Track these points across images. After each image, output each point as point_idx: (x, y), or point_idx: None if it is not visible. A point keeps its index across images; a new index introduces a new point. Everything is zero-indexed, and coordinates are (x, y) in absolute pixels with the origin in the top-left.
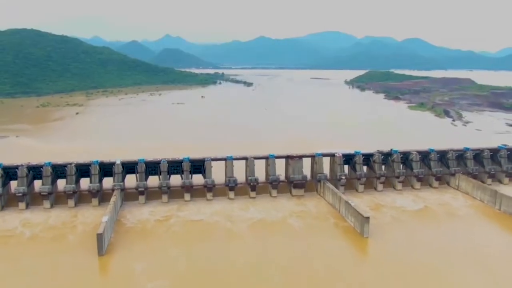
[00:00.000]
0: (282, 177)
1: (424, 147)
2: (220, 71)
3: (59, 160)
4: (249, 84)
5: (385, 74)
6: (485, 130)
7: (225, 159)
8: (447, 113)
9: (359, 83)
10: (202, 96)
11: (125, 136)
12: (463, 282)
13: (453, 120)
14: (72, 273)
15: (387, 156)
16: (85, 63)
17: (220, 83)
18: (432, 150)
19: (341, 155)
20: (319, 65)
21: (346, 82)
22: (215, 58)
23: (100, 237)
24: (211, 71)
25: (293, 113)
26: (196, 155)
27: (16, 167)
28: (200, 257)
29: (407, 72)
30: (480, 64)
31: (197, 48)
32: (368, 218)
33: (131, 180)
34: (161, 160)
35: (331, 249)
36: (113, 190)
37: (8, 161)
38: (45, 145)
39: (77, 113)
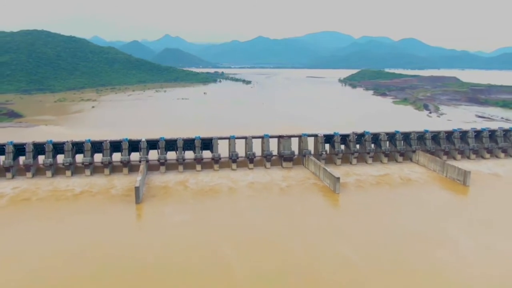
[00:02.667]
0: (275, 153)
1: (392, 130)
2: (219, 70)
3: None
4: (247, 82)
5: (377, 72)
6: (455, 120)
7: (229, 138)
8: (426, 107)
9: (351, 81)
10: (204, 93)
11: (141, 123)
12: (404, 219)
13: (430, 112)
14: (118, 213)
15: (360, 136)
16: (93, 62)
17: (220, 81)
18: (398, 132)
19: (322, 135)
20: (317, 64)
21: (340, 80)
22: (215, 57)
23: (137, 190)
24: (210, 70)
25: (285, 107)
26: (205, 135)
27: (63, 143)
28: (211, 203)
29: (401, 71)
30: (474, 64)
31: (196, 48)
32: (339, 178)
33: (153, 154)
34: (177, 138)
35: (309, 199)
36: (140, 161)
37: None
38: (73, 131)
39: (93, 107)
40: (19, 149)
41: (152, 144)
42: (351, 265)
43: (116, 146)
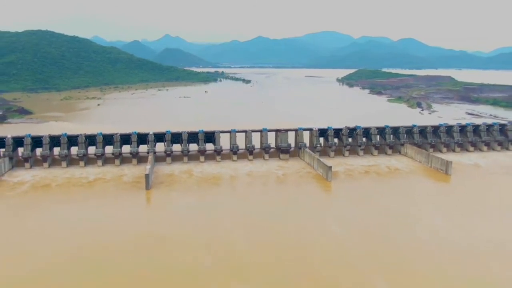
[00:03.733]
0: (273, 145)
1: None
2: (219, 70)
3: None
4: (247, 82)
5: (374, 72)
6: (445, 117)
7: (230, 132)
8: (419, 105)
9: (348, 80)
10: (205, 91)
11: (147, 119)
12: (389, 201)
13: (422, 110)
14: (130, 197)
15: (352, 130)
16: (96, 62)
17: (220, 80)
18: (387, 126)
19: (317, 129)
20: (316, 64)
21: (337, 80)
22: (214, 57)
23: (147, 177)
24: (211, 70)
25: (284, 106)
26: (208, 129)
27: (77, 135)
28: (213, 188)
29: (399, 71)
30: (472, 64)
31: (196, 48)
32: (331, 167)
33: (160, 147)
34: (182, 131)
35: (303, 185)
36: (148, 153)
37: None
38: (82, 126)
39: (98, 105)
40: (36, 141)
41: (159, 137)
42: (339, 240)
43: (125, 139)
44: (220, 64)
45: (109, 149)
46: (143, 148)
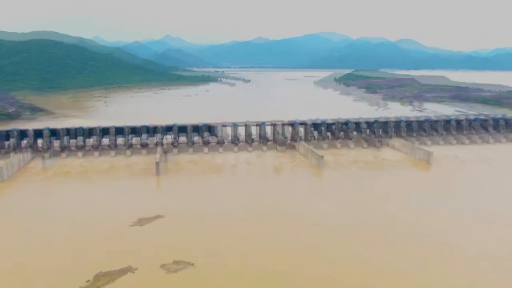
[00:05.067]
0: (271, 138)
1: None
2: (220, 70)
3: None
4: (247, 81)
5: (371, 72)
6: (435, 114)
7: (231, 125)
8: (411, 103)
9: (346, 80)
10: (206, 90)
11: (153, 116)
12: (372, 185)
13: (414, 108)
14: (143, 181)
15: (344, 124)
16: (100, 62)
17: (221, 80)
18: (376, 121)
19: (311, 123)
20: (315, 64)
21: (335, 80)
22: (215, 58)
23: (157, 164)
24: (211, 70)
25: (283, 106)
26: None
27: (92, 128)
28: (217, 174)
29: (396, 71)
30: (470, 64)
31: (196, 48)
32: (322, 156)
33: (167, 139)
34: (187, 125)
35: (298, 172)
36: (156, 144)
37: None
38: (93, 122)
39: (105, 103)
40: (54, 134)
41: (167, 130)
42: (326, 213)
43: (135, 131)
44: (220, 64)
45: (120, 141)
46: (151, 140)
